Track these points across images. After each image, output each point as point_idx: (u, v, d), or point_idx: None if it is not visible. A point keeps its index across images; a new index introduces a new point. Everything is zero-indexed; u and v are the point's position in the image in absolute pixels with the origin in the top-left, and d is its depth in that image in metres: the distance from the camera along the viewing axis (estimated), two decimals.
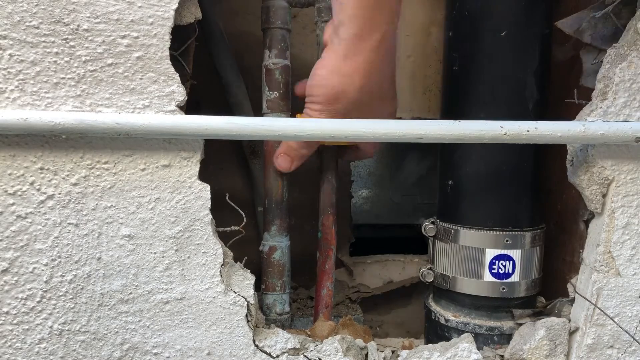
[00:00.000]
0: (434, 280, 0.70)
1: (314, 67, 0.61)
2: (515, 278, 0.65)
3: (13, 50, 0.52)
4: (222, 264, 0.59)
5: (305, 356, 0.61)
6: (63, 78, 0.53)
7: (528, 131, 0.55)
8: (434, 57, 0.90)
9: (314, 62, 0.70)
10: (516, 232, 0.64)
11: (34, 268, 0.56)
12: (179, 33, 0.56)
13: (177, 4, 0.54)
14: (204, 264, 0.59)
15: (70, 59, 0.53)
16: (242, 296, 0.60)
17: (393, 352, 0.65)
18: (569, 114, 0.61)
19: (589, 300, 0.61)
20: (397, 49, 0.64)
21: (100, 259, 0.57)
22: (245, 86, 0.78)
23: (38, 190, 0.55)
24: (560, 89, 0.70)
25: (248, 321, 0.60)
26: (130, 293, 0.58)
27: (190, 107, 0.58)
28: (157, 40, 0.54)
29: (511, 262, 0.64)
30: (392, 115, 0.67)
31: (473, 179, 0.65)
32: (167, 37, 0.54)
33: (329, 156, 0.71)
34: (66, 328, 0.58)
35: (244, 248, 0.63)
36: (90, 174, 0.56)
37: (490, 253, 0.64)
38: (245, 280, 0.61)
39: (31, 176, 0.55)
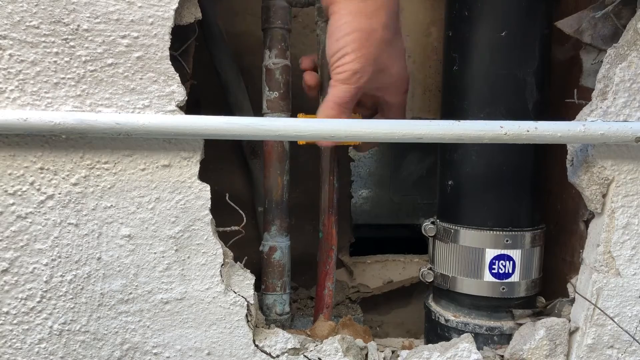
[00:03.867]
0: (434, 280, 0.70)
1: (331, 24, 0.59)
2: (515, 278, 0.65)
3: (13, 50, 0.52)
4: (222, 264, 0.59)
5: (305, 356, 0.61)
6: (63, 78, 0.53)
7: (528, 131, 0.55)
8: (434, 57, 0.90)
9: (315, 62, 0.70)
10: (516, 232, 0.64)
11: (34, 268, 0.56)
12: (179, 33, 0.56)
13: (177, 4, 0.54)
14: (204, 264, 0.59)
15: (70, 59, 0.53)
16: (242, 296, 0.60)
17: (393, 352, 0.65)
18: (569, 114, 0.61)
19: (589, 300, 0.61)
20: None
21: (100, 259, 0.57)
22: (245, 86, 0.78)
23: (38, 190, 0.55)
24: (560, 89, 0.70)
25: (248, 321, 0.60)
26: (130, 293, 0.58)
27: (190, 107, 0.58)
28: (157, 40, 0.54)
29: (511, 262, 0.64)
30: (404, 51, 0.66)
31: (473, 179, 0.65)
32: (167, 37, 0.54)
33: (329, 156, 0.71)
34: (66, 328, 0.58)
35: (244, 248, 0.63)
36: (90, 174, 0.56)
37: (490, 253, 0.64)
38: (245, 280, 0.61)
39: (31, 176, 0.55)
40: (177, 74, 0.55)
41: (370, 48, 0.59)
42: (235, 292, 0.60)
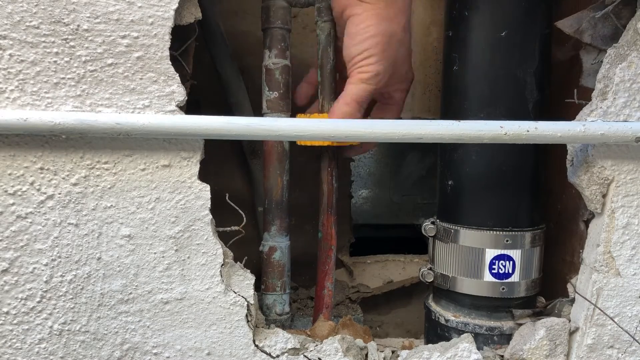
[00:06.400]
0: (434, 280, 0.70)
1: (353, 25, 0.61)
2: (515, 278, 0.65)
3: (13, 50, 0.52)
4: (222, 264, 0.59)
5: (305, 356, 0.61)
6: (63, 78, 0.53)
7: (528, 131, 0.55)
8: (434, 57, 0.90)
9: (314, 62, 0.70)
10: (516, 232, 0.64)
11: (34, 268, 0.56)
12: (179, 33, 0.56)
13: (177, 4, 0.54)
14: (204, 264, 0.59)
15: (70, 59, 0.53)
16: (242, 296, 0.60)
17: (393, 352, 0.65)
18: (569, 114, 0.61)
19: (589, 300, 0.61)
20: None
21: (100, 259, 0.57)
22: (245, 86, 0.78)
23: (38, 190, 0.55)
24: (560, 89, 0.70)
25: (248, 321, 0.60)
26: (130, 293, 0.58)
27: (190, 107, 0.58)
28: (157, 41, 0.54)
29: (511, 262, 0.64)
30: (411, 51, 0.69)
31: (473, 179, 0.65)
32: (167, 37, 0.54)
33: (329, 156, 0.71)
34: (66, 328, 0.58)
35: (244, 248, 0.63)
36: (90, 174, 0.56)
37: (490, 253, 0.64)
38: (245, 280, 0.61)
39: (31, 176, 0.55)
40: (177, 74, 0.55)
41: (392, 51, 0.62)
42: (235, 292, 0.60)
